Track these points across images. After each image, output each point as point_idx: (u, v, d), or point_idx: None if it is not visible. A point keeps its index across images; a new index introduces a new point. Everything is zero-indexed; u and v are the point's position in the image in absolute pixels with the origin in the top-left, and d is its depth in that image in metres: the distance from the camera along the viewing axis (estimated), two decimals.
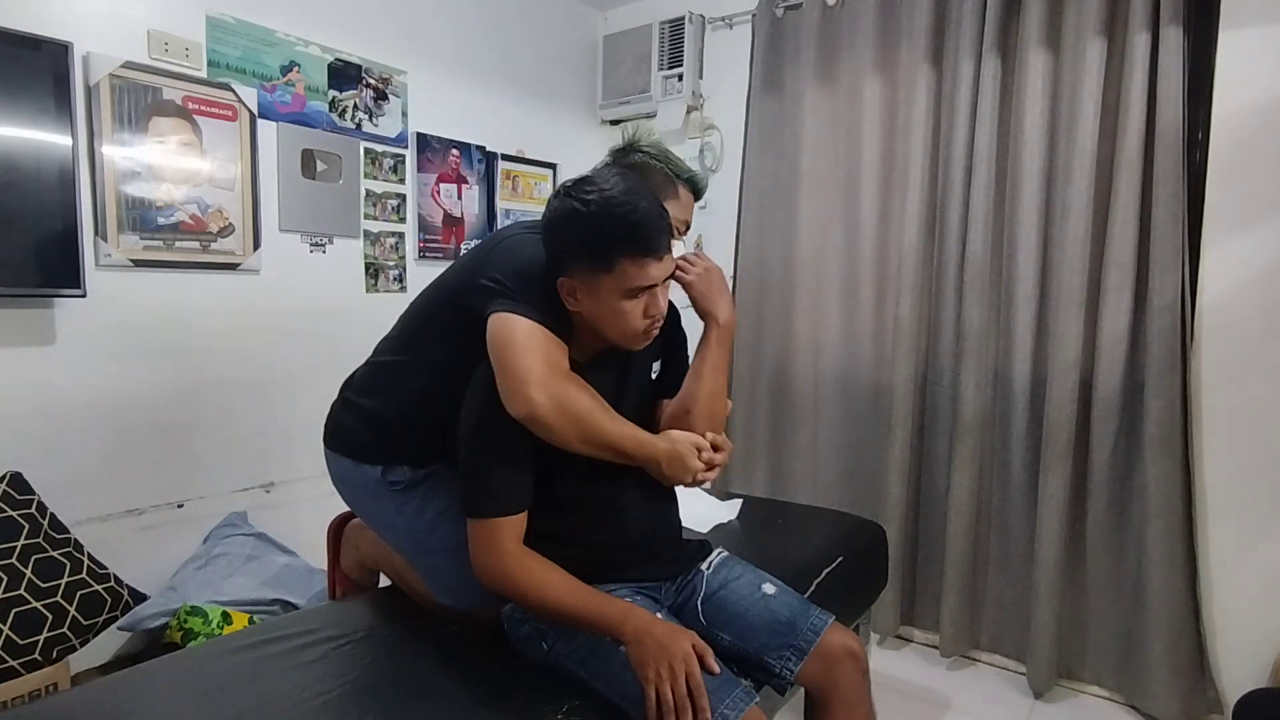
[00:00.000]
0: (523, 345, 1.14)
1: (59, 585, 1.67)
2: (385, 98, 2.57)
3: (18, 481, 1.74)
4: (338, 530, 1.75)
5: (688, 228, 1.47)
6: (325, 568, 2.20)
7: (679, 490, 1.46)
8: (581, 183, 1.15)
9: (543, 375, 1.13)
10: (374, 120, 2.54)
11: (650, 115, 3.20)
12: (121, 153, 1.95)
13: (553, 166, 3.18)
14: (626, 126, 1.52)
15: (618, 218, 1.10)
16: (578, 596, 1.17)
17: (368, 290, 2.55)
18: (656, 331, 1.22)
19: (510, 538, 1.18)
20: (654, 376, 1.37)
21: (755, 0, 2.78)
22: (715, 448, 1.30)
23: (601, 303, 1.15)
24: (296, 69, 2.32)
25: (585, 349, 1.25)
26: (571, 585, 1.18)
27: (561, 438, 1.16)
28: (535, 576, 1.18)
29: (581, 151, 3.25)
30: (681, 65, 3.00)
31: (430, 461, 1.40)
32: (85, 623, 1.70)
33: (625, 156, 1.43)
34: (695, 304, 1.38)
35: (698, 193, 1.48)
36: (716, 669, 1.12)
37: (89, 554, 1.77)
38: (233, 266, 2.19)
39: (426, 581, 1.45)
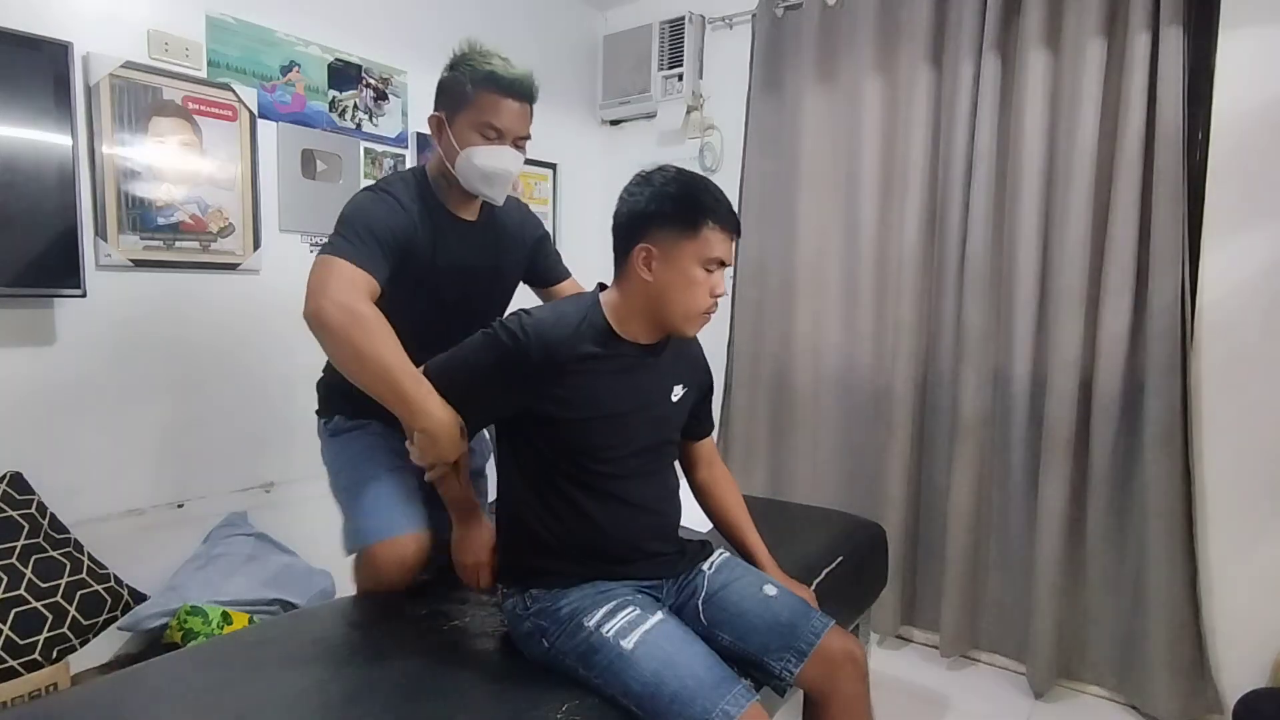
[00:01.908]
0: (333, 269, 1.29)
1: (59, 585, 1.67)
2: (385, 98, 2.57)
3: (18, 481, 1.74)
4: None
5: (499, 135, 1.44)
6: (324, 568, 2.21)
7: (680, 492, 1.47)
8: (665, 167, 1.29)
9: (341, 290, 1.26)
10: (374, 120, 2.54)
11: (650, 115, 3.20)
12: (121, 153, 1.94)
13: (553, 166, 3.18)
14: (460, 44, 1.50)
15: (706, 190, 1.26)
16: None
17: None
18: (707, 320, 1.31)
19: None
20: (675, 399, 1.38)
21: (755, 0, 2.78)
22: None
23: (679, 271, 1.23)
24: (296, 69, 2.32)
25: (631, 329, 1.29)
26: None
27: (337, 350, 1.27)
28: None
29: (582, 151, 3.25)
30: (681, 65, 3.00)
31: (364, 415, 1.51)
32: (85, 623, 1.70)
33: (442, 79, 1.49)
34: None
35: (510, 90, 1.43)
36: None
37: (89, 554, 1.77)
38: (233, 266, 2.19)
39: (344, 530, 1.51)
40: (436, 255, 1.47)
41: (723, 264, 1.27)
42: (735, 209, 1.30)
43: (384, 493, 1.46)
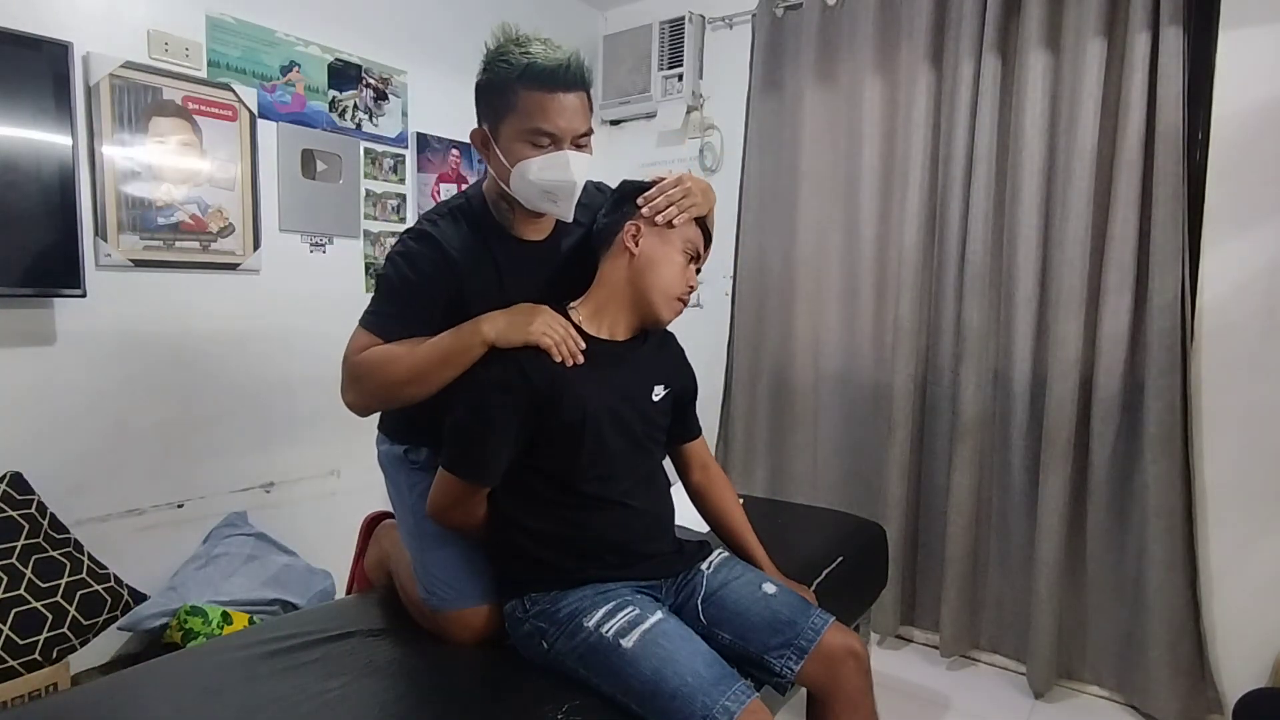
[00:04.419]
0: (352, 353, 1.26)
1: (59, 585, 1.67)
2: (385, 98, 2.57)
3: (18, 481, 1.74)
4: (370, 526, 1.75)
5: (554, 140, 1.22)
6: (324, 568, 2.21)
7: (677, 490, 1.48)
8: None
9: (346, 379, 1.27)
10: (374, 120, 2.54)
11: (650, 115, 3.20)
12: (121, 153, 1.94)
13: None
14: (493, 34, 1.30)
15: None
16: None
17: (368, 290, 2.55)
18: (683, 309, 1.35)
19: (465, 495, 1.27)
20: (655, 399, 1.37)
21: (755, 0, 2.78)
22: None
23: (664, 246, 1.30)
24: (296, 69, 2.32)
25: (608, 323, 1.32)
26: None
27: (397, 395, 1.26)
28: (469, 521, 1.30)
29: None
30: (681, 65, 3.00)
31: None
32: (85, 623, 1.70)
33: (478, 83, 1.29)
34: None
35: (555, 81, 1.19)
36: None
37: (89, 554, 1.77)
38: (233, 266, 2.20)
39: (415, 572, 1.44)
40: (505, 290, 1.31)
41: (699, 255, 1.36)
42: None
43: (457, 555, 1.37)
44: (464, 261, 1.28)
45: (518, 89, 1.21)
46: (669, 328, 1.42)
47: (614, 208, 1.35)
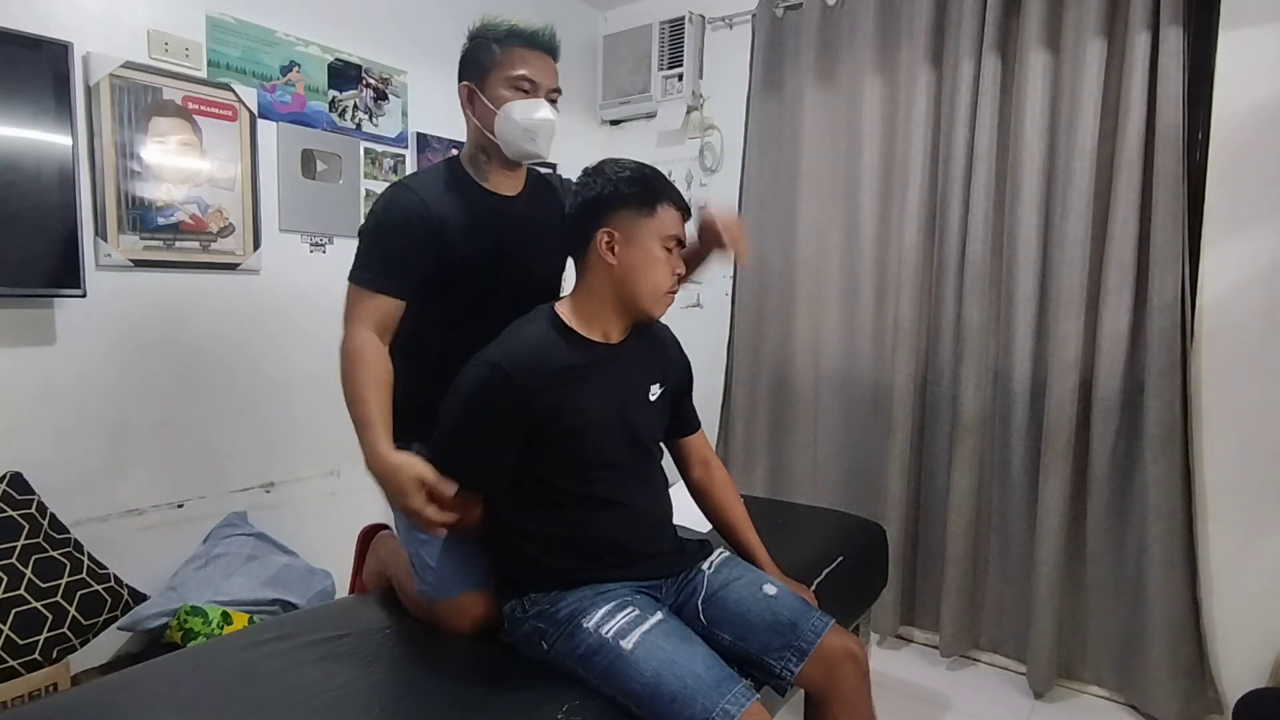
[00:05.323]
0: (353, 305, 1.37)
1: (59, 585, 1.67)
2: (385, 98, 2.57)
3: (18, 481, 1.74)
4: (366, 537, 1.75)
5: (533, 87, 1.42)
6: (324, 568, 2.21)
7: (677, 489, 1.48)
8: (613, 159, 1.34)
9: (352, 331, 1.34)
10: (374, 120, 2.54)
11: (650, 115, 3.20)
12: (122, 153, 1.94)
13: (553, 166, 3.18)
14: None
15: (657, 175, 1.33)
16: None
17: None
18: (672, 301, 1.34)
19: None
20: (652, 399, 1.37)
21: (755, 0, 2.78)
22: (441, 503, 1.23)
23: (641, 250, 1.27)
24: (296, 69, 2.32)
25: (598, 327, 1.31)
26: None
27: (342, 382, 1.34)
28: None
29: (581, 151, 3.24)
30: (681, 65, 3.00)
31: None
32: (85, 623, 1.70)
33: (464, 51, 1.47)
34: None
35: (535, 41, 1.42)
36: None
37: (89, 554, 1.77)
38: (233, 266, 2.19)
39: (413, 565, 1.44)
40: (478, 238, 1.41)
41: (680, 243, 1.32)
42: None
43: (453, 544, 1.38)
44: (440, 208, 1.39)
45: (504, 46, 1.42)
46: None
47: (581, 212, 1.30)
